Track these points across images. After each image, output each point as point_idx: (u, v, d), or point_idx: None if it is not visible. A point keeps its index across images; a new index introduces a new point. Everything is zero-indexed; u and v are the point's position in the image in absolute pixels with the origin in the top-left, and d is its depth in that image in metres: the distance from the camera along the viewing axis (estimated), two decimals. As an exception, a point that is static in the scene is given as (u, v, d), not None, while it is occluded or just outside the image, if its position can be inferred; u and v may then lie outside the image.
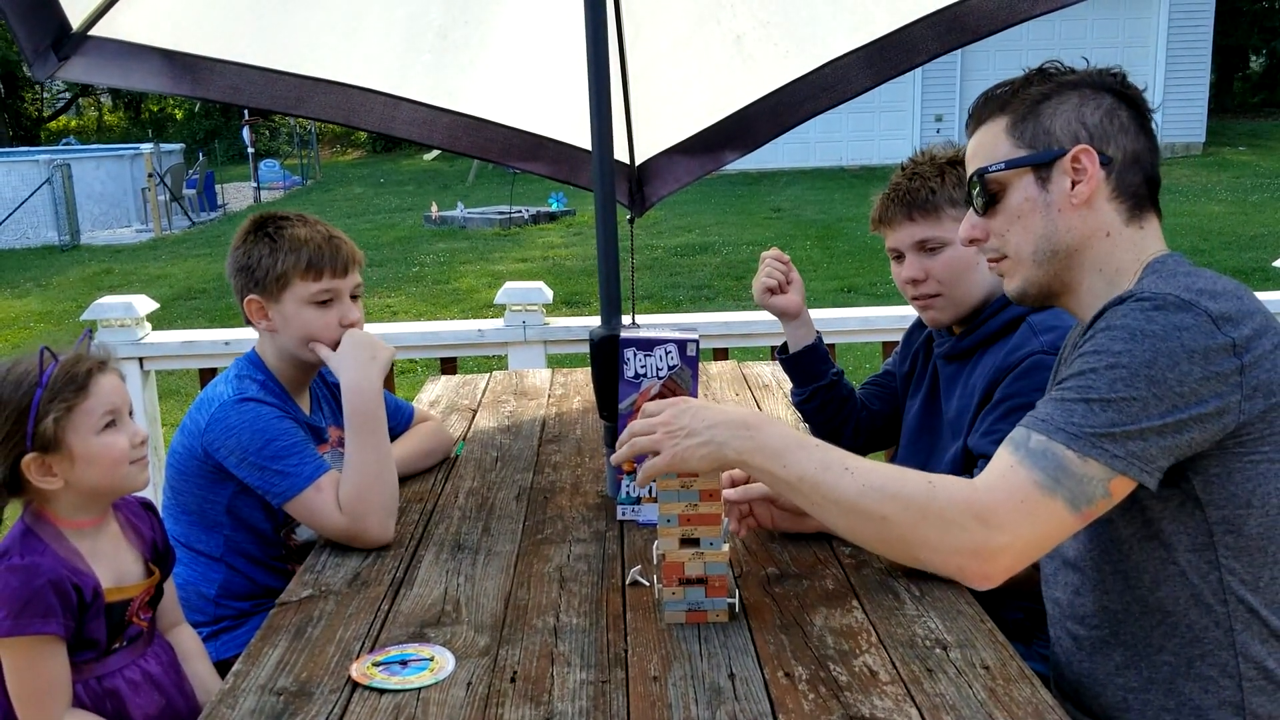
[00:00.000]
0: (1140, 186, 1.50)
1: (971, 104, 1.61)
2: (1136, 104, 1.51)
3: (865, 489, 1.40)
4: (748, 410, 1.54)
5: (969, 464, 1.96)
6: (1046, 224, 1.50)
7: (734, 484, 1.81)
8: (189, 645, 1.87)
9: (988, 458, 1.86)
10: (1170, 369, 1.31)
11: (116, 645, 1.69)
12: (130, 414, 1.72)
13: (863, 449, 2.41)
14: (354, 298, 2.14)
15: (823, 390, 2.32)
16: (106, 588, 1.64)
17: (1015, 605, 1.88)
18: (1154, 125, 1.52)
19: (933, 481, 1.39)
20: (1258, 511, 1.38)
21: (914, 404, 2.23)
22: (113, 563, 1.69)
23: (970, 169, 1.57)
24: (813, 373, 2.32)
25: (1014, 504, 1.33)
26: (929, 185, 2.01)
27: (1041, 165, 1.49)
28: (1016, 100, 1.52)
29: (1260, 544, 1.39)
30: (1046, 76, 1.53)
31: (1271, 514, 1.38)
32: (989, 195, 1.54)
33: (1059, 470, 1.32)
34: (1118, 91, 1.50)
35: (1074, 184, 1.48)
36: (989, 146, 1.54)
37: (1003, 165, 1.51)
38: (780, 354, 2.38)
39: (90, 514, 1.68)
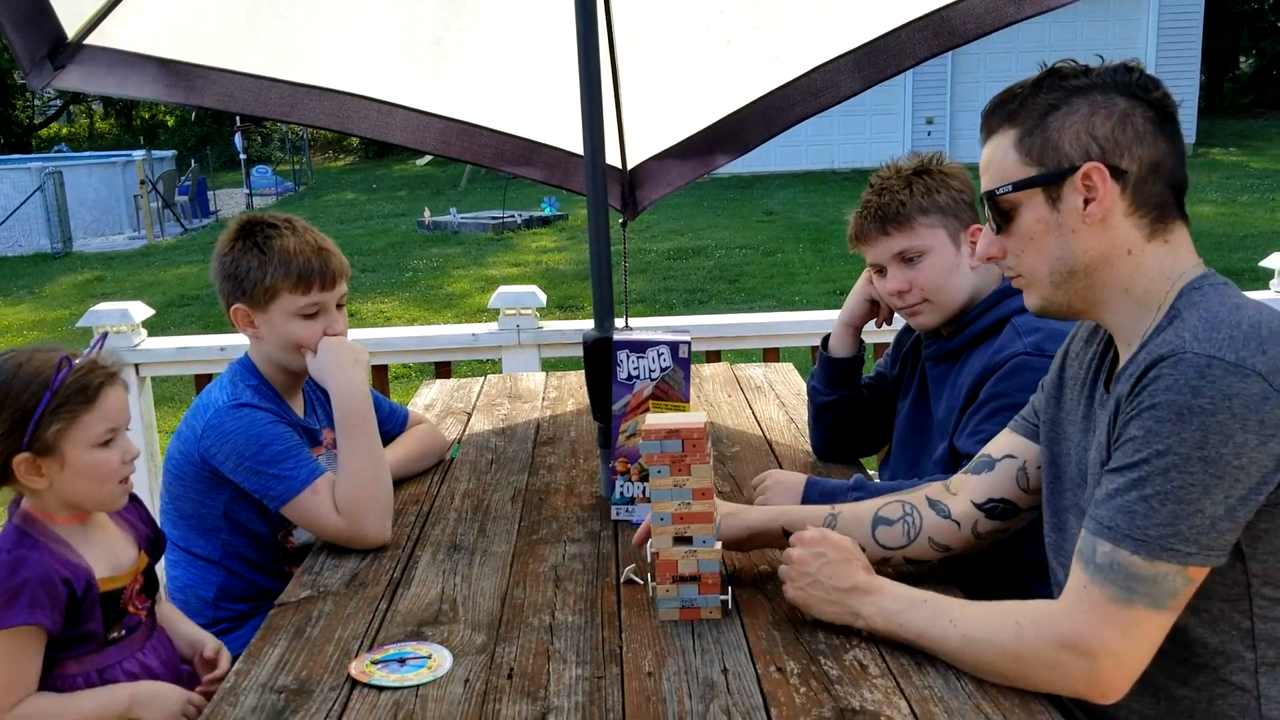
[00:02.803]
0: (1163, 195, 1.40)
1: (985, 108, 1.51)
2: (1155, 104, 1.41)
3: (966, 641, 1.43)
4: (861, 574, 1.57)
5: (955, 463, 1.98)
6: (1060, 245, 1.42)
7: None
8: (169, 613, 1.91)
9: (972, 458, 1.91)
10: (1224, 444, 1.24)
11: (114, 635, 1.70)
12: (127, 430, 1.73)
13: (858, 452, 2.44)
14: (338, 306, 2.16)
15: (850, 400, 2.36)
16: (100, 577, 1.66)
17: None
18: (1177, 122, 1.43)
19: (1019, 620, 1.37)
20: None
21: (904, 405, 2.26)
22: (106, 551, 1.71)
23: (983, 184, 1.50)
24: (850, 381, 2.36)
25: (1097, 625, 1.30)
26: (898, 198, 2.05)
27: (1051, 185, 1.41)
28: (1025, 111, 1.44)
29: None
30: (1057, 81, 1.43)
31: None
32: (1002, 214, 1.47)
33: (1129, 579, 1.29)
34: (1133, 93, 1.40)
35: (1086, 202, 1.40)
36: (999, 162, 1.47)
37: (1010, 188, 1.44)
38: (823, 349, 2.39)
39: (76, 511, 1.70)
